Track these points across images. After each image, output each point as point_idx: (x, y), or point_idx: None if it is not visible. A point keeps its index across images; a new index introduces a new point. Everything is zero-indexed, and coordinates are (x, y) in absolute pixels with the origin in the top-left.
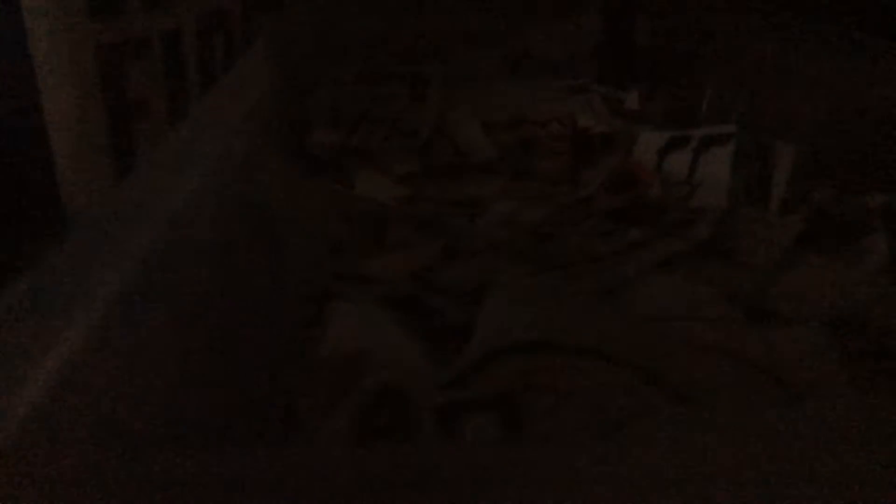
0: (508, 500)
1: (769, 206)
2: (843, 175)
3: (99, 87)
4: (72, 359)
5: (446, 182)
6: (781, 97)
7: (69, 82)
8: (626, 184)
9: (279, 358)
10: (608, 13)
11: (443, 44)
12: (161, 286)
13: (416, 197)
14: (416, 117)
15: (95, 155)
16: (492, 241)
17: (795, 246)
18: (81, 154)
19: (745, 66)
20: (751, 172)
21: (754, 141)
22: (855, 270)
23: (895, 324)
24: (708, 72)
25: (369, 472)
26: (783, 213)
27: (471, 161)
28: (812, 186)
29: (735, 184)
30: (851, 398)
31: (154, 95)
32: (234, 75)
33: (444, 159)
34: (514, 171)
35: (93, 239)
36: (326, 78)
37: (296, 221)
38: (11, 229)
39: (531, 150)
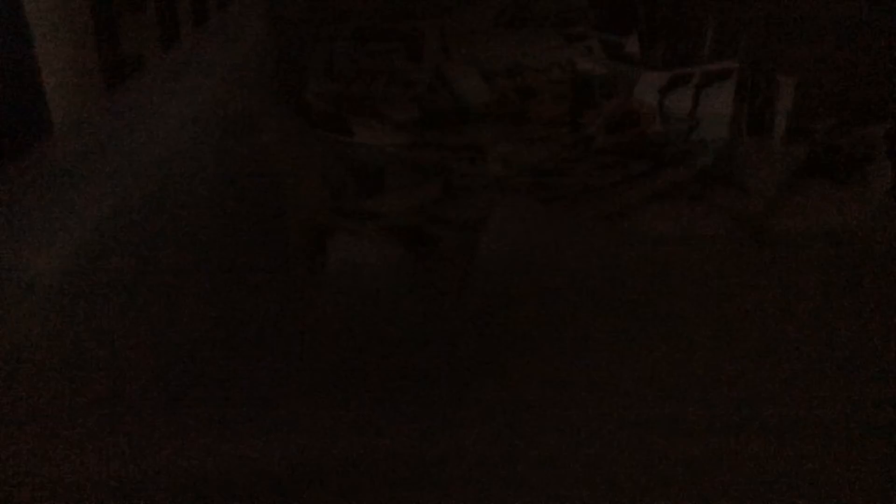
0: None
1: (772, 136)
2: (845, 106)
3: (93, 39)
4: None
5: (445, 129)
6: (783, 34)
7: (63, 35)
8: (627, 123)
9: (281, 279)
10: None
11: (438, 1)
12: (162, 210)
13: (415, 144)
14: (413, 68)
15: (90, 106)
16: (492, 180)
17: (798, 173)
18: (75, 106)
19: (745, 6)
20: (753, 105)
21: (756, 75)
22: (858, 196)
23: None
24: (707, 13)
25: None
26: (786, 143)
27: (470, 108)
28: (814, 117)
29: (738, 116)
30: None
31: (148, 48)
32: (229, 18)
33: (442, 107)
34: (514, 117)
35: (87, 159)
36: (322, 35)
37: (296, 165)
38: None
39: (531, 95)
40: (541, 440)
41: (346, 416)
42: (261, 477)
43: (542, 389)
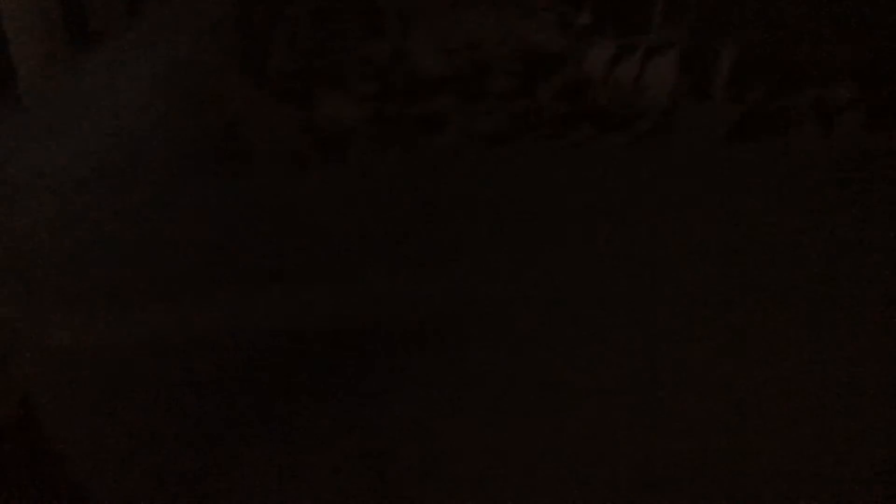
0: None
1: (709, 101)
2: (778, 72)
3: (59, 11)
4: None
5: (408, 103)
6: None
7: (31, 12)
8: (577, 93)
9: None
10: None
11: None
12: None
13: (377, 116)
14: (373, 43)
15: (51, 38)
16: (450, 149)
17: (729, 135)
18: (37, 38)
19: None
20: (694, 73)
21: (698, 44)
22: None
23: None
24: None
25: None
26: (721, 107)
27: (429, 81)
28: (749, 83)
29: (679, 84)
30: None
31: (113, 19)
32: None
33: (402, 81)
34: (471, 89)
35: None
36: (285, 10)
37: (262, 137)
38: None
39: (488, 68)
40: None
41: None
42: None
43: None
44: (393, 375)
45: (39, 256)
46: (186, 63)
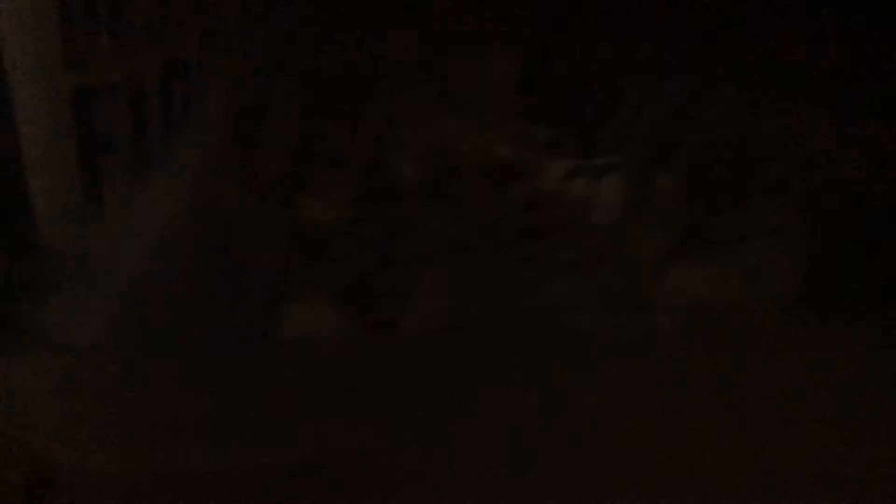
0: None
1: (650, 221)
2: (714, 195)
3: (72, 127)
4: None
5: (382, 206)
6: (672, 127)
7: (46, 123)
8: (535, 205)
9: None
10: (527, 55)
11: (373, 76)
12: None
13: (354, 217)
14: (352, 148)
15: (68, 186)
16: (420, 254)
17: (669, 254)
18: (56, 186)
19: (644, 102)
20: (638, 194)
21: (644, 167)
22: (716, 276)
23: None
24: (613, 107)
25: None
26: (661, 227)
27: (402, 186)
28: (687, 205)
29: (625, 204)
30: None
31: (120, 133)
32: (197, 119)
33: (378, 185)
34: (441, 195)
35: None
36: (272, 112)
37: (255, 239)
38: None
39: (457, 177)
40: None
41: None
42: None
43: None
44: None
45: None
46: (192, 185)
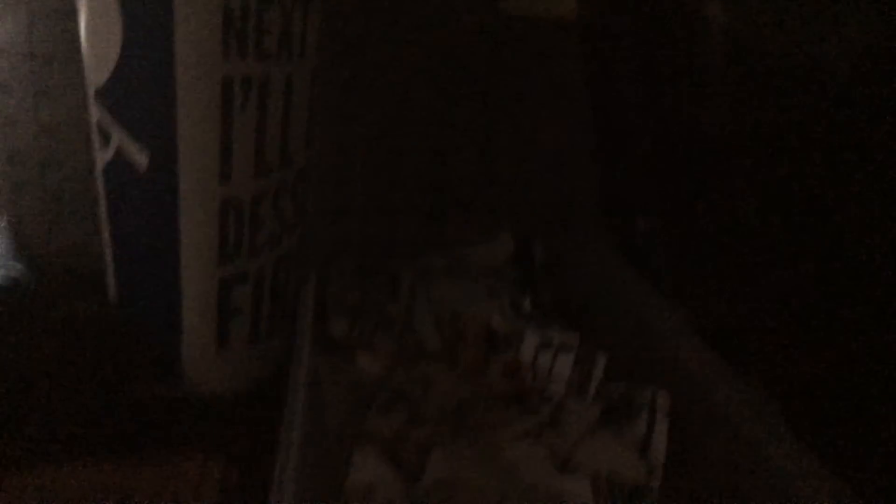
0: None
1: (586, 395)
2: (632, 375)
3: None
4: None
5: (411, 363)
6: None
7: (201, 301)
8: (514, 372)
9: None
10: (516, 240)
11: (410, 248)
12: None
13: (392, 372)
14: (393, 307)
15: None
16: (435, 412)
17: (594, 423)
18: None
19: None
20: (581, 371)
21: (586, 348)
22: (623, 443)
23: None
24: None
25: None
26: (593, 401)
27: (426, 348)
28: (610, 383)
29: (571, 379)
30: None
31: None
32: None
33: (410, 346)
34: (451, 357)
35: None
36: (335, 271)
37: (328, 387)
38: None
39: (462, 339)
40: None
41: None
42: None
43: None
44: None
45: None
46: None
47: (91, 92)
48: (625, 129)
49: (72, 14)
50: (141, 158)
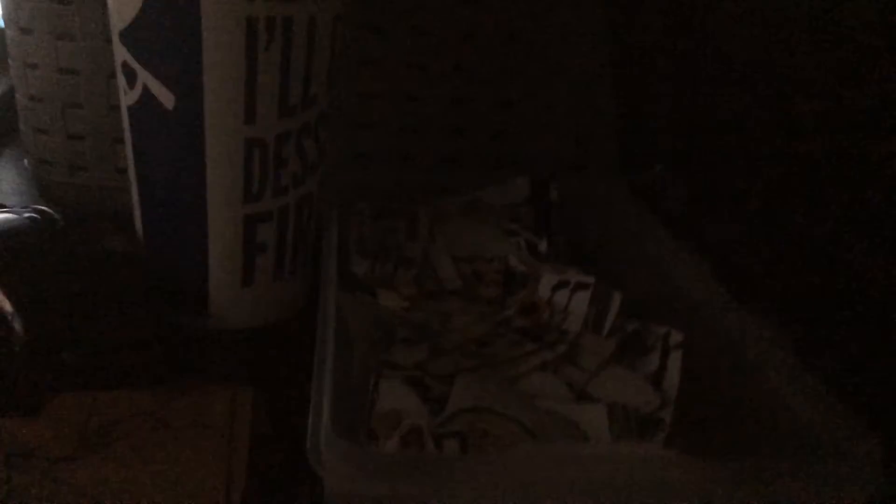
0: None
1: (601, 331)
2: (647, 314)
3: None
4: None
5: (431, 300)
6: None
7: (228, 235)
8: (530, 310)
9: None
10: (532, 182)
11: (428, 191)
12: None
13: (413, 308)
14: (411, 247)
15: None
16: (456, 345)
17: (610, 357)
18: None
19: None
20: (597, 308)
21: (603, 286)
22: (637, 376)
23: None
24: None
25: None
26: (608, 337)
27: (445, 286)
28: (625, 320)
29: (587, 316)
30: None
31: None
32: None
33: (429, 284)
34: (470, 295)
35: None
36: (355, 212)
37: (352, 323)
38: None
39: (480, 279)
40: None
41: None
42: None
43: None
44: None
45: None
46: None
47: (115, 33)
48: (646, 74)
49: None
50: (167, 99)
